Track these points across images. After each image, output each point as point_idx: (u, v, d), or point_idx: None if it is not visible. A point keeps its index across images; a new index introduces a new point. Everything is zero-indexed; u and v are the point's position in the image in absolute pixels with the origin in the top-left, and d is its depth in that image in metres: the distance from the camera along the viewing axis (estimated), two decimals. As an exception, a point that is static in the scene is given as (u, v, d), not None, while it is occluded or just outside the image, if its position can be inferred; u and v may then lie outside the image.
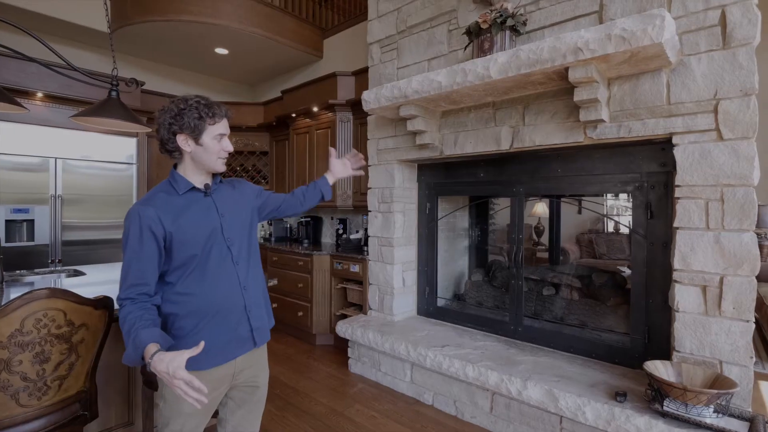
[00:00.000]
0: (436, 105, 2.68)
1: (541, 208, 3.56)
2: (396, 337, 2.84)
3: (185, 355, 1.06)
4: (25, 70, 3.50)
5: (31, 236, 3.69)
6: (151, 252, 1.21)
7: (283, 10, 4.31)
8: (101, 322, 1.53)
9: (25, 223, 3.66)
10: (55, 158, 3.75)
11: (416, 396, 2.78)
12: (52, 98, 3.69)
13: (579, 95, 1.97)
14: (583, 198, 2.87)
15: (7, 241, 3.54)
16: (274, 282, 2.40)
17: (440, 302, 3.31)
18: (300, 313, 3.94)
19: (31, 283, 2.35)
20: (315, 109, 4.11)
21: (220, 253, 1.32)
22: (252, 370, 1.44)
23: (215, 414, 1.49)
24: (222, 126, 1.33)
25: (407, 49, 3.07)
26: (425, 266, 3.35)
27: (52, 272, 2.71)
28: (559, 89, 2.23)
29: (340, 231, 4.39)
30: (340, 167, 1.74)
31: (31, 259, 3.69)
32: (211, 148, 1.31)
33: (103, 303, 1.51)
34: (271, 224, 5.11)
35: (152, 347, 1.08)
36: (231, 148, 1.35)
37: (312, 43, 4.62)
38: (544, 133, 2.32)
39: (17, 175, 3.59)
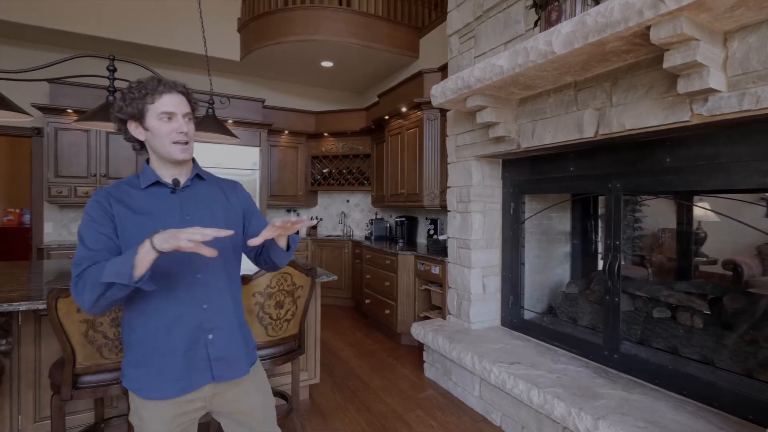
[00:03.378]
0: (508, 92, 2.40)
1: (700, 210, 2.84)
2: (465, 346, 2.65)
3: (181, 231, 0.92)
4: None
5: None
6: (104, 229, 1.07)
7: (377, 17, 4.45)
8: (309, 284, 2.04)
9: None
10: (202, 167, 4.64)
11: (484, 413, 2.54)
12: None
13: (670, 60, 1.51)
14: (706, 195, 2.18)
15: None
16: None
17: (527, 314, 2.94)
18: (387, 311, 4.01)
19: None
20: (403, 109, 4.12)
21: (176, 260, 1.08)
22: (232, 393, 1.21)
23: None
24: (168, 102, 1.10)
25: (484, 35, 2.82)
26: (509, 272, 3.03)
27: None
28: (654, 57, 1.75)
29: (431, 231, 4.30)
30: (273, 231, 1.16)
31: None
32: (158, 130, 1.10)
33: (312, 271, 2.03)
34: (371, 223, 5.33)
35: (140, 247, 0.94)
36: (185, 129, 1.11)
37: (407, 44, 4.65)
38: (636, 113, 1.85)
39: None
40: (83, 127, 2.69)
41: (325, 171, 5.63)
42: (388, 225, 5.27)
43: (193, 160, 1.24)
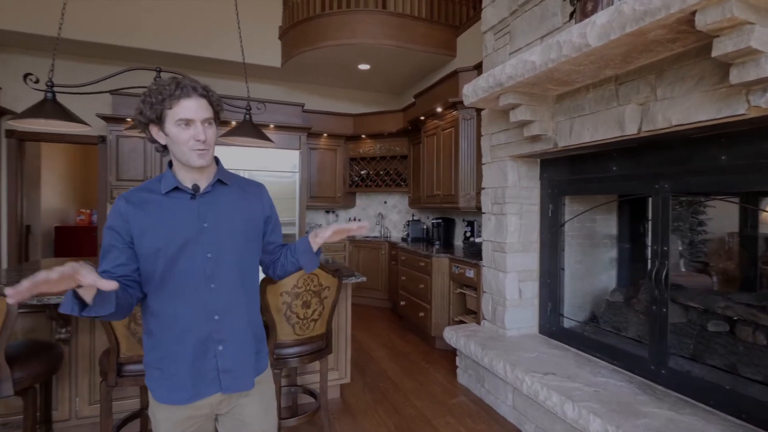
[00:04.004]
0: (544, 89, 2.29)
1: None
2: (497, 353, 2.56)
3: (86, 272, 0.81)
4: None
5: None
6: (120, 245, 1.08)
7: (413, 18, 4.43)
8: (336, 285, 2.09)
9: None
10: (243, 170, 4.86)
11: (517, 424, 2.44)
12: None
13: (720, 48, 1.36)
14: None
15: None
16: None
17: (567, 323, 2.79)
18: (421, 314, 3.97)
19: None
20: (439, 109, 4.06)
21: (190, 268, 1.09)
22: (237, 400, 1.19)
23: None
24: (186, 108, 1.05)
25: (519, 30, 2.71)
26: (547, 278, 2.88)
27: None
28: (705, 45, 1.58)
29: (467, 234, 4.21)
30: (332, 234, 1.21)
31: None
32: (176, 137, 1.06)
33: (338, 273, 2.08)
34: (408, 224, 5.30)
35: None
36: (203, 136, 1.06)
37: (444, 43, 4.58)
38: (684, 108, 1.69)
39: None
40: (131, 134, 2.91)
41: (362, 173, 5.69)
42: (424, 226, 5.22)
43: (218, 163, 1.21)
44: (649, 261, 2.20)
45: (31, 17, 4.14)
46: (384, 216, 6.02)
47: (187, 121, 1.06)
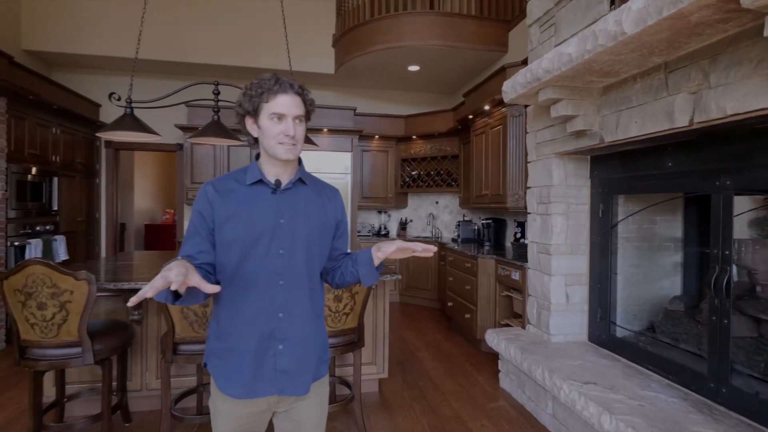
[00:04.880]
0: (586, 81, 2.16)
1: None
2: (537, 358, 2.46)
3: (191, 274, 0.88)
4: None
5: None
6: (204, 231, 1.11)
7: (462, 16, 4.38)
8: None
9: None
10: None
11: (557, 434, 2.32)
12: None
13: (772, 26, 1.21)
14: None
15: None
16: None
17: (620, 332, 2.59)
18: (467, 316, 3.91)
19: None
20: (487, 107, 3.98)
21: (262, 262, 1.10)
22: (290, 402, 1.18)
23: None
24: (281, 103, 1.08)
25: (564, 21, 2.58)
26: (598, 282, 2.70)
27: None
28: (764, 23, 1.41)
29: (518, 234, 4.06)
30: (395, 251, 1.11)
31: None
32: (267, 130, 1.09)
33: None
34: (459, 225, 5.24)
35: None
36: (292, 132, 1.09)
37: (495, 39, 4.47)
38: (741, 94, 1.51)
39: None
40: (196, 141, 3.25)
41: (414, 173, 5.73)
42: (475, 227, 5.12)
43: (300, 162, 1.21)
44: (710, 266, 1.97)
45: (115, 43, 4.78)
46: (435, 216, 6.00)
47: (279, 116, 1.08)
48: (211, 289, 0.91)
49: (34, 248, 3.89)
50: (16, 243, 3.76)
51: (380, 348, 2.81)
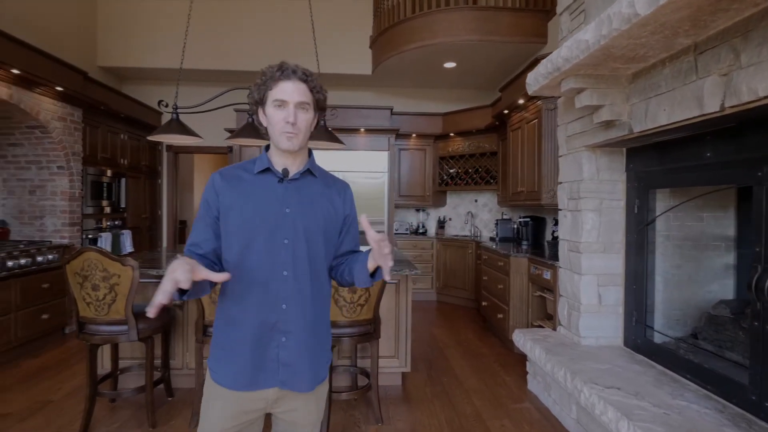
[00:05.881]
0: (611, 69, 2.04)
1: None
2: (560, 360, 2.36)
3: (197, 269, 0.90)
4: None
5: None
6: (209, 219, 1.12)
7: (496, 8, 4.27)
8: None
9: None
10: (335, 171, 5.32)
11: (580, 440, 2.22)
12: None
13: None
14: None
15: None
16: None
17: (657, 337, 2.41)
18: (500, 315, 3.82)
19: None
20: (521, 101, 3.85)
21: (266, 251, 1.09)
22: (293, 402, 1.16)
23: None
24: (282, 90, 1.06)
25: (594, 7, 2.45)
26: (633, 283, 2.53)
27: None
28: (797, -8, 1.26)
29: (555, 233, 3.89)
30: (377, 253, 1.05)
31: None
32: (271, 118, 1.08)
33: None
34: (497, 224, 5.11)
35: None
36: (292, 119, 1.06)
37: (533, 30, 4.30)
38: (774, 73, 1.36)
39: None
40: (232, 142, 3.49)
41: (452, 171, 5.68)
42: (514, 226, 4.97)
43: (310, 153, 1.20)
44: (752, 266, 1.78)
45: (169, 55, 5.22)
46: (474, 215, 5.89)
47: (281, 102, 1.06)
48: (220, 277, 0.93)
49: (104, 241, 4.40)
50: (90, 236, 4.28)
51: (402, 342, 2.85)
